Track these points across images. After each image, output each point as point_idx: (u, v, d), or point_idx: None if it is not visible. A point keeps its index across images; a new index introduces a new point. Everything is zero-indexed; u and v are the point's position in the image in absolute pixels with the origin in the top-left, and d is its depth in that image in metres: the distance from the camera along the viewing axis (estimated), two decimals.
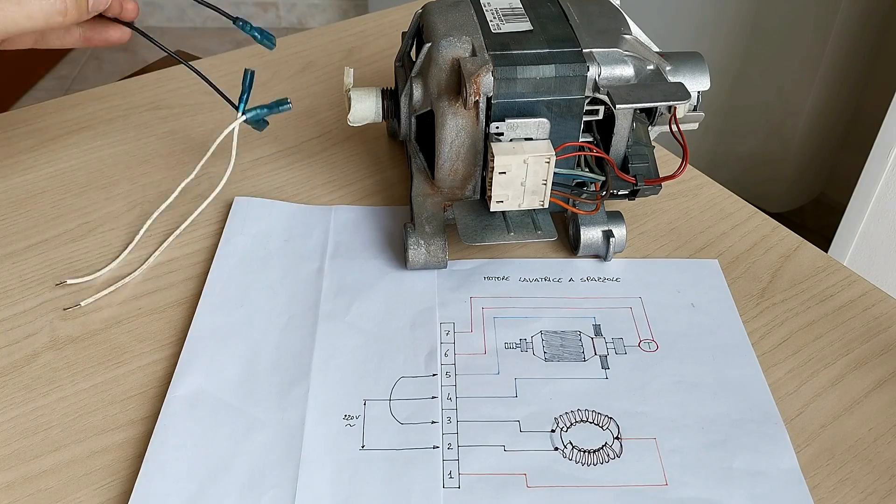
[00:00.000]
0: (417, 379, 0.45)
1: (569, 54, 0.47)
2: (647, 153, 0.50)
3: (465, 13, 0.50)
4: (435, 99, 0.48)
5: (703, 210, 0.57)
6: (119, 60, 2.19)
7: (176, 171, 0.60)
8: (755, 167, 1.58)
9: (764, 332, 0.49)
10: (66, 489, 0.40)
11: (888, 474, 0.41)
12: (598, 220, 0.52)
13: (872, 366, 0.47)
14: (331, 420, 0.43)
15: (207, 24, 2.35)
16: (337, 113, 0.66)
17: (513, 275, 0.52)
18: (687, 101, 0.46)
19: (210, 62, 0.72)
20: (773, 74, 1.46)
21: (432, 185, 0.52)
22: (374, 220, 0.55)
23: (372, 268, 0.52)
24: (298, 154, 0.62)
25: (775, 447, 0.42)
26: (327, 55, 0.74)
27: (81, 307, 0.49)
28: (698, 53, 0.52)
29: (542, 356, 0.47)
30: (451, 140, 0.49)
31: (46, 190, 0.58)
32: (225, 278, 0.51)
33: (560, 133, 0.49)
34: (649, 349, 0.47)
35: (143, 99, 0.67)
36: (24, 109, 0.66)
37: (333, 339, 0.47)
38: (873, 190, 1.00)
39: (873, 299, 0.51)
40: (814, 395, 0.45)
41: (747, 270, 0.53)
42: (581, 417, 0.43)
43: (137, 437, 0.42)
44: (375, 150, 0.62)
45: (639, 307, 0.50)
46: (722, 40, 1.45)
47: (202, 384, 0.44)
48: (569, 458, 0.41)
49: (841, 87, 1.45)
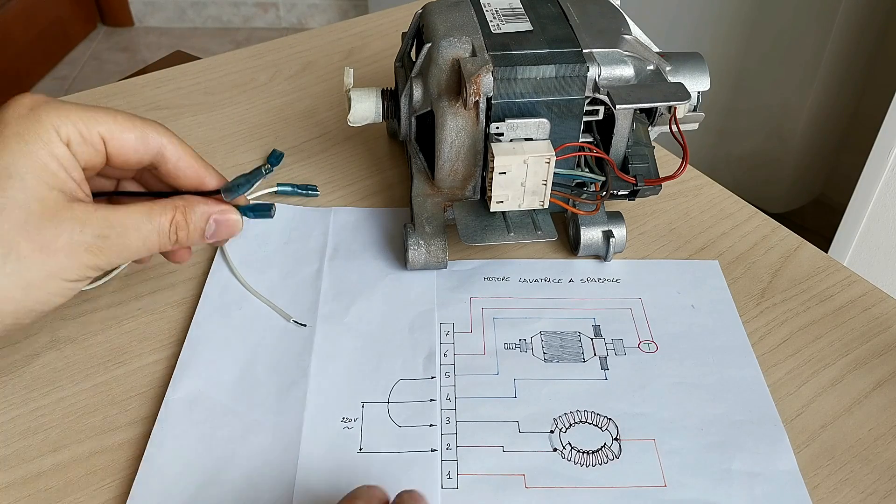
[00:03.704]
0: (416, 381, 0.45)
1: (569, 54, 0.47)
2: (647, 153, 0.50)
3: (465, 13, 0.50)
4: (435, 99, 0.48)
5: (703, 210, 0.57)
6: (119, 60, 2.19)
7: None
8: (755, 167, 1.58)
9: (764, 333, 0.49)
10: (66, 489, 0.40)
11: (888, 474, 0.41)
12: (598, 220, 0.52)
13: (872, 366, 0.47)
14: (329, 422, 0.43)
15: (207, 24, 2.35)
16: (337, 113, 0.66)
17: (513, 275, 0.52)
18: (687, 101, 0.46)
19: (210, 62, 0.73)
20: (773, 75, 1.46)
21: (432, 186, 0.52)
22: (373, 221, 0.55)
23: (371, 269, 0.52)
24: (298, 154, 0.62)
25: (775, 449, 0.42)
26: (327, 55, 0.74)
27: (82, 307, 0.49)
28: (698, 54, 0.52)
29: (542, 357, 0.47)
30: (451, 140, 0.49)
31: None
32: (224, 280, 0.51)
33: (560, 133, 0.49)
34: (649, 350, 0.47)
35: (143, 99, 0.67)
36: None
37: (332, 341, 0.47)
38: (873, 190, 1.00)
39: (873, 299, 0.51)
40: (814, 396, 0.45)
41: (747, 271, 0.53)
42: (580, 418, 0.43)
43: (137, 437, 0.42)
44: (375, 151, 0.62)
45: (639, 308, 0.50)
46: (722, 40, 1.45)
47: (200, 386, 0.44)
48: (568, 459, 0.41)
49: (841, 88, 1.45)
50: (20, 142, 0.35)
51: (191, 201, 0.40)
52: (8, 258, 0.34)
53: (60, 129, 0.36)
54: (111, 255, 0.37)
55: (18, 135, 0.35)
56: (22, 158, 0.35)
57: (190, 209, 0.40)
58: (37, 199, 0.35)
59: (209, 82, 0.70)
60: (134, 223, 0.38)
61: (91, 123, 0.37)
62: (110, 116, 0.39)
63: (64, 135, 0.36)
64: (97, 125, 0.38)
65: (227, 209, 0.41)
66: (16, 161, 0.34)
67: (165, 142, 0.40)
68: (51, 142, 0.36)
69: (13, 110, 0.36)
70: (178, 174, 0.41)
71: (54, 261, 0.35)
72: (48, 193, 0.35)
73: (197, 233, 0.40)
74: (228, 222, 0.41)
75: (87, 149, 0.37)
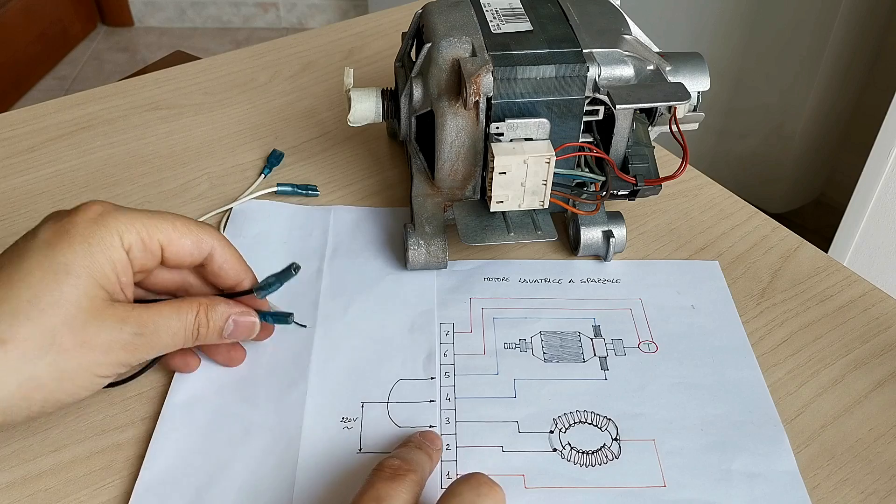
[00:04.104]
0: (415, 381, 0.45)
1: (569, 55, 0.47)
2: (647, 153, 0.50)
3: (465, 13, 0.50)
4: (435, 99, 0.48)
5: (703, 210, 0.57)
6: (119, 60, 2.20)
7: (176, 171, 0.60)
8: (755, 167, 1.58)
9: (764, 333, 0.49)
10: (66, 489, 0.40)
11: (888, 474, 0.41)
12: (598, 220, 0.52)
13: (872, 366, 0.47)
14: (328, 422, 0.43)
15: (207, 24, 2.35)
16: (337, 113, 0.66)
17: (513, 275, 0.52)
18: (687, 101, 0.46)
19: (210, 62, 0.72)
20: (773, 74, 1.46)
21: (432, 186, 0.52)
22: (373, 221, 0.55)
23: (371, 268, 0.52)
24: (298, 154, 0.62)
25: (774, 449, 0.42)
26: (327, 55, 0.74)
27: None
28: (698, 54, 0.52)
29: (542, 357, 0.47)
30: (451, 140, 0.49)
31: (46, 190, 0.58)
32: None
33: (560, 133, 0.49)
34: (649, 350, 0.47)
35: (143, 99, 0.67)
36: (24, 109, 0.66)
37: (332, 341, 0.47)
38: (873, 190, 1.00)
39: (873, 299, 0.51)
40: (814, 396, 0.45)
41: (747, 271, 0.53)
42: (580, 418, 0.43)
43: (137, 437, 0.42)
44: (375, 151, 0.62)
45: (639, 308, 0.50)
46: (722, 40, 1.45)
47: (200, 389, 0.44)
48: (567, 460, 0.41)
49: (841, 88, 1.45)
50: (84, 243, 0.38)
51: (213, 301, 0.42)
52: (50, 350, 0.37)
53: (124, 235, 0.39)
54: (143, 352, 0.40)
55: (84, 237, 0.38)
56: (83, 259, 0.37)
57: (212, 308, 0.42)
58: (87, 296, 0.37)
59: (209, 82, 0.69)
60: (165, 321, 0.40)
61: (153, 231, 0.40)
62: (169, 224, 0.41)
63: (126, 242, 0.39)
64: (158, 233, 0.40)
65: (247, 311, 0.43)
66: (77, 260, 0.37)
67: (216, 244, 0.43)
68: (112, 247, 0.39)
69: (84, 214, 0.39)
70: (221, 274, 0.43)
71: (92, 356, 0.38)
72: (97, 292, 0.38)
73: (216, 331, 0.42)
74: (246, 324, 0.43)
75: (145, 255, 0.40)
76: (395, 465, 0.37)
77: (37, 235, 0.38)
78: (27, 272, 0.37)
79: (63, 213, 0.39)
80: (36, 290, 0.36)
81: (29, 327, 0.36)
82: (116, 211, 0.39)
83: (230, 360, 0.45)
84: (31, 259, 0.37)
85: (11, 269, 0.37)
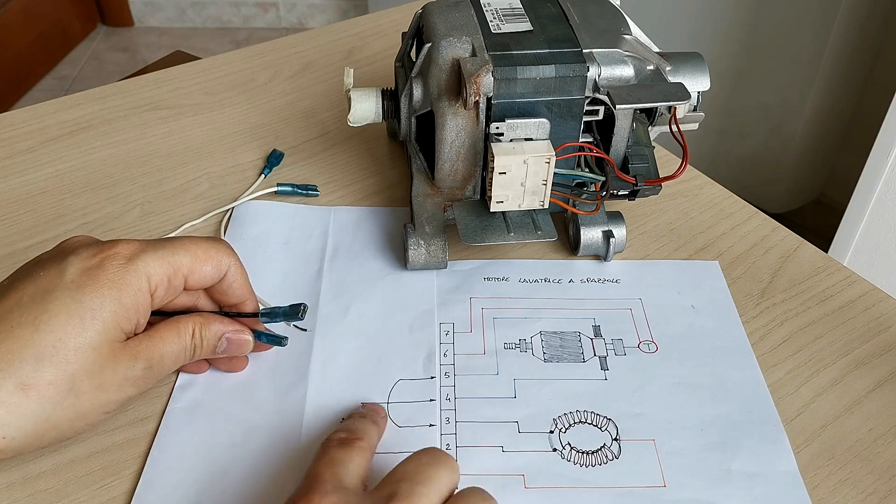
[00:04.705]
0: (415, 381, 0.45)
1: (569, 55, 0.47)
2: (647, 153, 0.50)
3: (465, 13, 0.50)
4: (435, 99, 0.48)
5: (703, 210, 0.57)
6: (119, 60, 2.20)
7: (176, 171, 0.60)
8: (755, 167, 1.58)
9: (764, 333, 0.49)
10: (66, 489, 0.40)
11: (888, 474, 0.41)
12: (598, 220, 0.52)
13: (872, 366, 0.47)
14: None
15: (207, 24, 2.35)
16: (337, 113, 0.66)
17: (513, 275, 0.52)
18: (687, 101, 0.46)
19: (210, 62, 0.73)
20: (773, 74, 1.46)
21: (432, 186, 0.52)
22: (373, 221, 0.55)
23: (371, 269, 0.52)
24: (298, 154, 0.62)
25: (774, 449, 0.42)
26: (327, 55, 0.74)
27: None
28: (698, 54, 0.52)
29: (542, 357, 0.47)
30: (451, 140, 0.49)
31: (46, 190, 0.58)
32: None
33: (560, 133, 0.49)
34: (649, 350, 0.47)
35: (143, 99, 0.67)
36: (24, 109, 0.66)
37: (332, 341, 0.47)
38: (873, 190, 1.00)
39: (873, 299, 0.51)
40: (814, 396, 0.45)
41: (747, 271, 0.53)
42: (580, 418, 0.43)
43: (137, 437, 0.42)
44: (375, 151, 0.62)
45: (639, 308, 0.50)
46: (722, 40, 1.45)
47: (202, 391, 0.44)
48: (567, 460, 0.41)
49: (841, 87, 1.45)
50: (114, 289, 0.38)
51: (208, 319, 0.43)
52: (69, 394, 0.37)
53: (152, 278, 0.40)
54: (150, 383, 0.41)
55: (113, 282, 0.38)
56: (110, 304, 0.38)
57: (206, 327, 0.42)
58: (107, 341, 0.38)
59: (209, 82, 0.70)
60: (169, 347, 0.41)
61: (178, 268, 0.41)
62: (191, 255, 0.41)
63: (153, 284, 0.40)
64: (182, 268, 0.41)
65: (242, 329, 0.44)
66: (105, 305, 0.38)
67: (232, 263, 0.43)
68: (140, 291, 0.39)
69: (114, 259, 0.39)
70: (228, 292, 0.44)
71: (105, 397, 0.39)
72: (117, 335, 0.38)
73: (209, 349, 0.43)
74: (239, 342, 0.44)
75: (168, 292, 0.41)
76: (343, 436, 0.38)
77: (64, 275, 0.38)
78: (53, 314, 0.37)
79: (93, 249, 0.39)
80: (60, 334, 0.37)
81: (52, 373, 0.36)
82: (145, 253, 0.40)
83: (232, 367, 0.46)
84: (58, 301, 0.37)
85: (37, 309, 0.37)
